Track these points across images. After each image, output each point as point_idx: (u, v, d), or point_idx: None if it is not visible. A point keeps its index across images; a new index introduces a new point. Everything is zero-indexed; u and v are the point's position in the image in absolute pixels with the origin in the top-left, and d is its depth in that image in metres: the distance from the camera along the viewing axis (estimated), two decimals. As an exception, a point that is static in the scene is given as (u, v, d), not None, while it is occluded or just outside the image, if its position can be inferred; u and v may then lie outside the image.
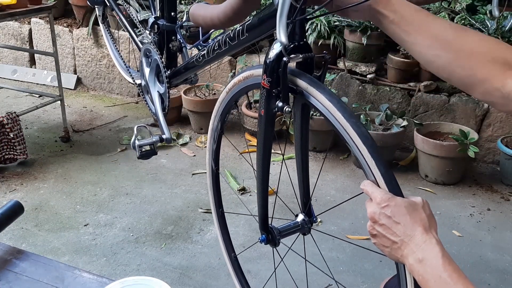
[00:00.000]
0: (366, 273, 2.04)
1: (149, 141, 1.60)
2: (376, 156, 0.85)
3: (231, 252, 1.60)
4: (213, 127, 1.42)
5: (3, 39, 4.32)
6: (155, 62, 1.68)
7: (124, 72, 2.01)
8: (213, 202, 1.61)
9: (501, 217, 2.47)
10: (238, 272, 1.60)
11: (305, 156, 1.19)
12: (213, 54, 1.28)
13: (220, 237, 1.62)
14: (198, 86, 3.35)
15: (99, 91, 4.07)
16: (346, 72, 3.14)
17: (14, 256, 0.91)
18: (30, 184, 2.63)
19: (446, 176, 2.73)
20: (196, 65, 1.42)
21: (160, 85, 1.70)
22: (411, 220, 0.77)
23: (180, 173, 2.80)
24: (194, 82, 1.72)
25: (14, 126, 2.67)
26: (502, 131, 2.89)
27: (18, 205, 0.98)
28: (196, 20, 0.99)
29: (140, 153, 1.58)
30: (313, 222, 1.24)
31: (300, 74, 0.97)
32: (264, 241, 1.25)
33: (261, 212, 1.24)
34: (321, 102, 0.93)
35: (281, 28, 0.83)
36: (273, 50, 0.98)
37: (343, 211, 2.45)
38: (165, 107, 1.69)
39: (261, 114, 1.05)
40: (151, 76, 1.71)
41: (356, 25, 2.98)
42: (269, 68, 0.98)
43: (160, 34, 1.67)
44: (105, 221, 2.34)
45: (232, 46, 1.18)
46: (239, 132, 3.32)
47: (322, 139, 3.02)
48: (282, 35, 0.83)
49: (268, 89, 1.00)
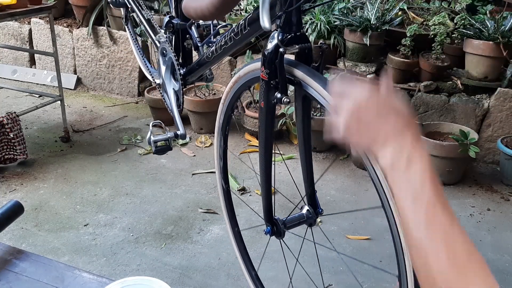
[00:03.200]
0: (366, 273, 2.03)
1: (164, 136, 1.61)
2: None
3: (251, 270, 1.61)
4: (218, 126, 1.43)
5: (3, 39, 4.32)
6: (169, 60, 1.70)
7: (147, 72, 2.03)
8: (228, 221, 1.61)
9: (501, 217, 2.47)
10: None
11: (308, 149, 1.20)
12: (221, 50, 1.31)
13: (239, 257, 1.62)
14: (198, 86, 3.35)
15: (99, 91, 4.06)
16: (346, 72, 3.14)
17: (14, 256, 0.91)
18: (30, 184, 2.63)
19: (446, 176, 2.73)
20: (207, 61, 1.44)
21: (175, 83, 1.73)
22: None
23: (180, 173, 2.80)
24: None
25: (14, 126, 2.67)
26: (502, 131, 2.89)
27: (18, 205, 0.98)
28: (188, 12, 1.01)
29: (155, 148, 1.60)
30: (318, 214, 1.26)
31: (297, 64, 0.99)
32: (269, 233, 1.26)
33: (265, 204, 1.25)
34: (317, 91, 0.93)
35: (264, 13, 0.84)
36: (270, 41, 0.99)
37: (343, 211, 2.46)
38: (180, 104, 1.71)
39: (261, 106, 1.07)
40: (167, 74, 1.74)
41: (356, 25, 2.98)
42: (267, 60, 1.00)
43: (175, 33, 1.68)
44: (105, 221, 2.34)
45: (237, 40, 1.20)
46: (239, 132, 3.32)
47: (322, 139, 3.02)
48: (266, 20, 0.85)
49: (267, 80, 1.01)
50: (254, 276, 1.60)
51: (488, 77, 2.91)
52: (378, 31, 2.98)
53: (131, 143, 3.13)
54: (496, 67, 2.89)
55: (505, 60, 2.87)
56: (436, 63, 2.95)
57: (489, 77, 2.91)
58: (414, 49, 2.99)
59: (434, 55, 2.95)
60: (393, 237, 0.92)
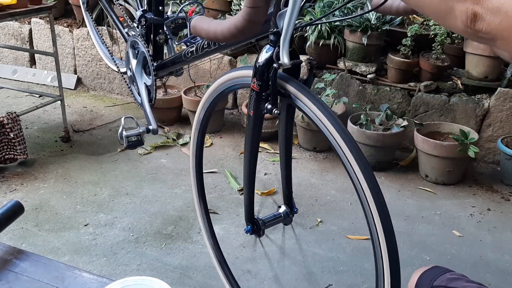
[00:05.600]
0: (366, 273, 2.03)
1: (136, 131, 1.62)
2: (356, 154, 0.93)
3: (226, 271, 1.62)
4: (197, 122, 1.46)
5: (3, 39, 4.32)
6: (142, 54, 1.70)
7: (108, 60, 2.04)
8: (205, 233, 1.63)
9: (501, 217, 2.47)
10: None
11: (288, 152, 1.27)
12: (202, 52, 1.33)
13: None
14: (198, 86, 3.35)
15: (99, 91, 4.07)
16: (346, 72, 3.14)
17: (14, 256, 0.91)
18: (30, 184, 2.63)
19: (446, 176, 2.73)
20: (183, 60, 1.46)
21: (147, 77, 1.73)
22: None
23: (180, 173, 2.80)
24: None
25: (14, 126, 2.68)
26: (502, 131, 2.89)
27: (18, 205, 0.98)
28: (198, 33, 1.02)
29: (127, 143, 1.60)
30: (294, 213, 1.34)
31: (289, 79, 1.04)
32: (250, 232, 1.33)
33: (247, 204, 1.32)
34: (308, 106, 1.00)
35: (284, 51, 0.92)
36: (263, 55, 1.02)
37: (343, 211, 2.45)
38: (152, 98, 1.72)
39: (250, 115, 1.12)
40: (138, 68, 1.74)
41: (356, 25, 2.98)
42: (259, 72, 1.04)
43: (148, 27, 1.69)
44: (105, 221, 2.34)
45: (222, 46, 1.24)
46: (239, 132, 3.32)
47: (322, 139, 3.02)
48: (285, 58, 0.92)
49: (258, 91, 1.06)
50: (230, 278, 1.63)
51: (488, 77, 2.91)
52: (378, 31, 2.98)
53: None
54: (496, 67, 2.89)
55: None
56: (437, 63, 2.95)
57: (489, 77, 2.91)
58: (415, 49, 2.99)
59: (434, 55, 2.95)
60: (371, 233, 0.96)
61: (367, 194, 0.92)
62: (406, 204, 2.53)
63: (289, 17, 0.91)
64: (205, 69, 3.52)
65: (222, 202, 2.49)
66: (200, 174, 1.55)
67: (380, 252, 0.94)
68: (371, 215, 0.93)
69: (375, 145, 2.78)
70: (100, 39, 2.15)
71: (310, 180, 2.70)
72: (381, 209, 0.92)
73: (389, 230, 0.92)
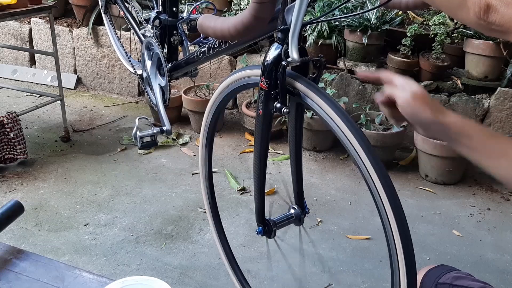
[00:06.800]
0: (366, 273, 2.03)
1: (150, 132, 1.62)
2: (371, 155, 0.91)
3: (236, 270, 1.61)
4: (206, 123, 1.46)
5: (3, 39, 4.32)
6: (156, 55, 1.71)
7: (126, 62, 2.05)
8: (212, 224, 1.60)
9: (501, 217, 2.47)
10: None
11: (299, 152, 1.24)
12: (213, 52, 1.33)
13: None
14: (198, 86, 3.35)
15: (99, 91, 4.07)
16: (346, 72, 3.14)
17: (14, 256, 0.91)
18: (30, 184, 2.63)
19: (446, 176, 2.73)
20: (196, 60, 1.46)
21: (161, 78, 1.74)
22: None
23: (180, 173, 2.80)
24: (194, 75, 1.76)
25: (14, 126, 2.67)
26: (502, 131, 2.89)
27: (18, 205, 0.98)
28: (205, 31, 1.02)
29: (141, 144, 1.61)
30: (305, 214, 1.32)
31: (298, 77, 1.02)
32: (261, 233, 1.30)
33: (258, 205, 1.29)
34: (318, 104, 0.97)
35: (293, 46, 0.91)
36: (271, 53, 1.01)
37: (343, 211, 2.45)
38: (166, 99, 1.73)
39: (259, 114, 1.10)
40: (152, 69, 1.75)
41: (356, 25, 2.98)
42: (267, 71, 1.02)
43: (162, 28, 1.70)
44: (105, 221, 2.34)
45: (232, 45, 1.23)
46: (239, 132, 3.32)
47: (322, 139, 3.02)
48: (294, 53, 0.91)
49: (267, 90, 1.03)
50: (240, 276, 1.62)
51: (488, 77, 2.91)
52: (378, 30, 2.98)
53: (131, 142, 3.13)
54: (496, 67, 2.89)
55: (505, 60, 2.87)
56: (436, 63, 2.95)
57: (489, 76, 2.91)
58: (414, 49, 2.99)
59: (434, 55, 2.95)
60: (387, 236, 0.93)
61: (383, 197, 0.90)
62: (406, 204, 2.53)
63: (298, 11, 0.89)
64: (205, 69, 3.51)
65: (222, 202, 2.49)
66: (209, 172, 1.55)
67: (397, 256, 0.91)
68: (387, 217, 0.90)
69: (375, 145, 2.78)
70: (118, 41, 2.15)
71: (310, 180, 2.70)
72: (397, 212, 0.90)
73: (406, 234, 0.90)
